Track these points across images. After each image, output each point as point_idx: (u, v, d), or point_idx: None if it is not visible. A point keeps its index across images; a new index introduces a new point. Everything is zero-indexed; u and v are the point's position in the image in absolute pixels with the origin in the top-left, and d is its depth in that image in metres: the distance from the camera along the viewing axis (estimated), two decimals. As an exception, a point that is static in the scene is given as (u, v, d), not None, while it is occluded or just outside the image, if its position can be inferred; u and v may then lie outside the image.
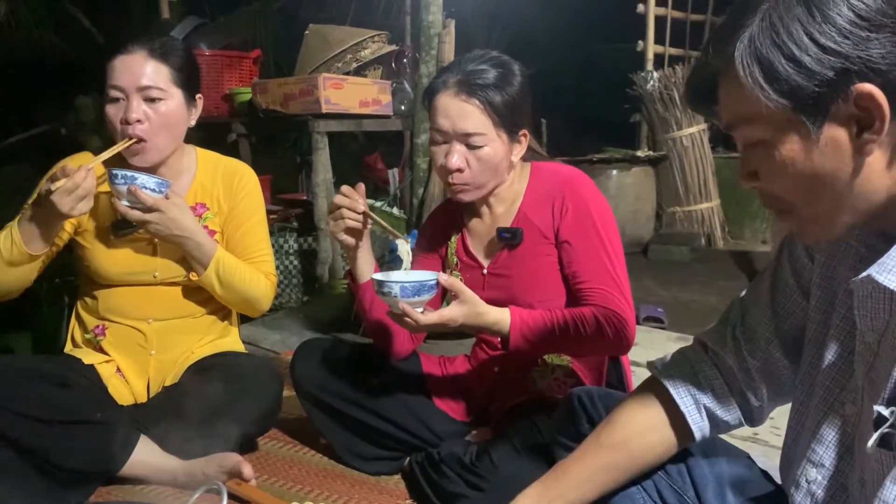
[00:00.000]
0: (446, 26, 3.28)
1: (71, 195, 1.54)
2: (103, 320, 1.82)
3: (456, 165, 1.58)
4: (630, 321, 1.56)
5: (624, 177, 4.50)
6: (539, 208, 1.66)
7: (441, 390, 1.83)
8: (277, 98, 3.08)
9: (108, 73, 1.68)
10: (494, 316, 1.53)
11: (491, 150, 1.58)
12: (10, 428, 1.51)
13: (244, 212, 1.86)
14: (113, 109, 1.68)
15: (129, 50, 1.68)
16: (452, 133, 1.57)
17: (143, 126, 1.68)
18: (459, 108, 1.56)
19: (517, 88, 1.58)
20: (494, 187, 1.66)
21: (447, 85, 1.58)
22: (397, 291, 1.43)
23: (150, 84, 1.68)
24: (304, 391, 1.80)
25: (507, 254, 1.68)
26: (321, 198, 3.11)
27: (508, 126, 1.58)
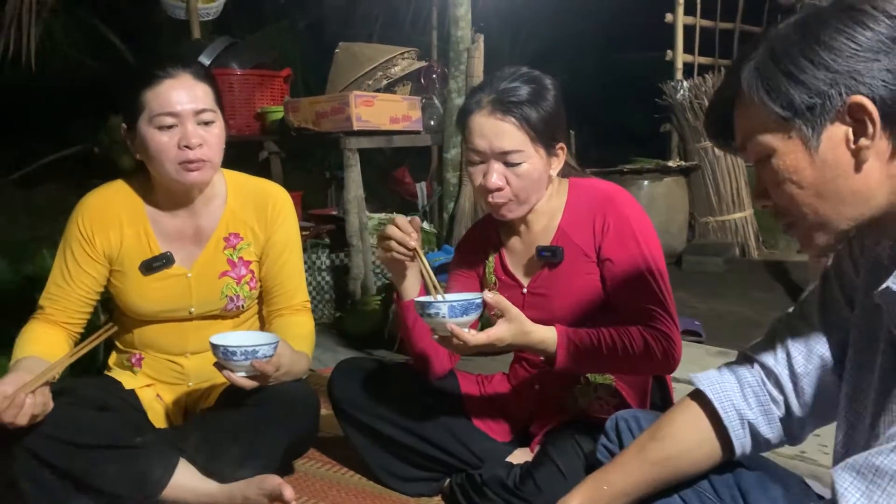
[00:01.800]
0: (475, 41, 3.28)
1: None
2: (139, 350, 1.81)
3: (495, 185, 1.57)
4: (677, 340, 1.53)
5: (655, 187, 4.46)
6: (579, 226, 1.64)
7: (480, 410, 1.81)
8: (309, 116, 3.10)
9: (150, 99, 1.60)
10: (541, 335, 1.51)
11: (529, 166, 1.57)
12: (50, 453, 1.51)
13: (280, 241, 1.80)
14: (166, 137, 1.60)
15: (171, 73, 1.61)
16: (490, 152, 1.56)
17: (204, 150, 1.63)
18: (495, 126, 1.55)
19: (551, 102, 1.57)
20: (534, 203, 1.65)
21: (481, 105, 1.57)
22: (445, 312, 1.41)
23: (205, 107, 1.63)
24: (342, 411, 1.79)
25: (547, 272, 1.66)
26: (353, 214, 3.11)
27: (545, 141, 1.57)
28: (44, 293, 1.74)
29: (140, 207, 1.75)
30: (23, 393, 1.42)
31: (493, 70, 3.24)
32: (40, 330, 1.72)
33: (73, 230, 1.72)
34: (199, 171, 1.64)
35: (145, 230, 1.74)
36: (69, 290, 1.72)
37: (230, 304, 1.79)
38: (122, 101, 1.65)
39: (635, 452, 1.15)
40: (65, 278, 1.72)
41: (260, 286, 1.84)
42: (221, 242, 1.78)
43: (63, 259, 1.73)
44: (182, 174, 1.63)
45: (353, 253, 3.13)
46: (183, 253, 1.76)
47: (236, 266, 1.79)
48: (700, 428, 1.12)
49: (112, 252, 1.73)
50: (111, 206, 1.74)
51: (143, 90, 1.61)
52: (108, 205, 1.74)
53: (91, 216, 1.72)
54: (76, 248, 1.72)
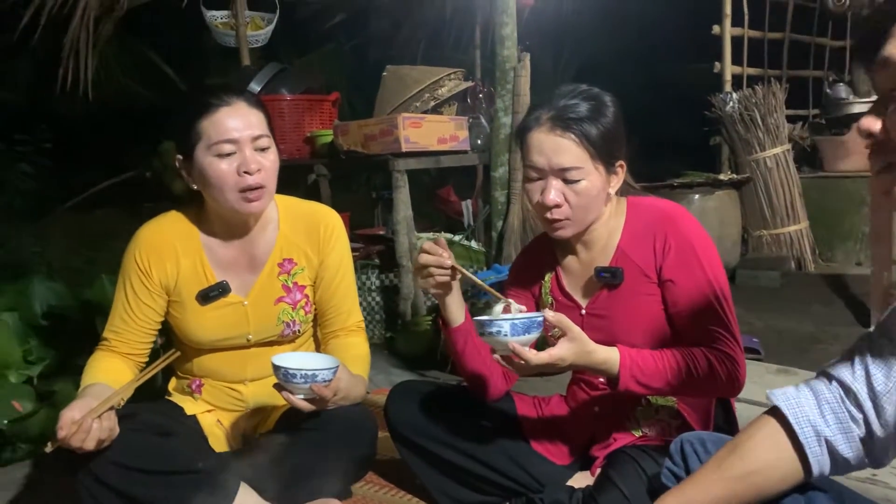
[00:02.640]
0: (521, 60, 3.28)
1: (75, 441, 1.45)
2: (199, 377, 1.83)
3: (554, 201, 1.55)
4: (741, 363, 1.50)
5: (706, 201, 4.38)
6: (639, 246, 1.61)
7: (538, 432, 1.79)
8: (358, 139, 3.13)
9: (208, 127, 1.61)
10: (603, 355, 1.49)
11: (588, 183, 1.55)
12: (115, 478, 1.53)
13: (333, 263, 1.81)
14: (225, 164, 1.62)
15: (227, 101, 1.63)
16: (548, 169, 1.55)
17: (262, 175, 1.65)
18: (554, 143, 1.54)
19: (611, 119, 1.56)
20: (592, 222, 1.63)
21: (540, 121, 1.56)
22: (507, 330, 1.38)
23: (261, 133, 1.66)
24: (399, 434, 1.78)
25: (606, 293, 1.63)
26: (402, 234, 3.13)
27: (605, 158, 1.55)
28: (107, 326, 1.77)
29: (195, 237, 1.76)
30: (90, 418, 1.45)
31: (538, 88, 3.26)
32: (106, 360, 1.75)
33: (131, 263, 1.74)
34: (259, 201, 1.66)
35: (201, 260, 1.76)
36: (131, 322, 1.75)
37: (286, 329, 1.80)
38: (178, 131, 1.67)
39: (714, 468, 1.12)
40: (126, 311, 1.74)
41: (314, 310, 1.85)
42: (276, 268, 1.79)
43: (123, 292, 1.75)
44: (242, 204, 1.65)
45: (403, 273, 3.14)
46: (238, 281, 1.77)
47: (291, 291, 1.79)
48: (777, 444, 1.09)
49: (169, 283, 1.75)
50: (166, 237, 1.75)
51: (199, 119, 1.62)
52: (163, 236, 1.75)
53: (147, 248, 1.74)
54: (135, 280, 1.74)
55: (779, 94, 4.78)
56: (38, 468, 2.20)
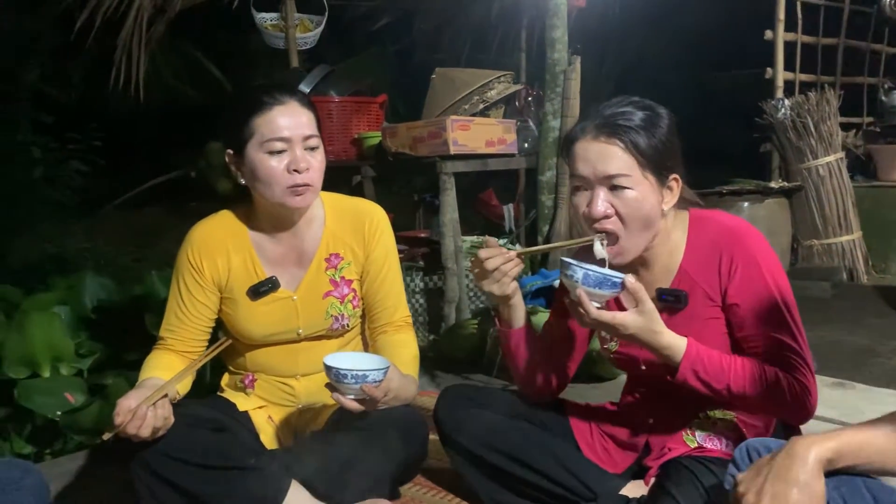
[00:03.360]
0: (572, 63, 3.25)
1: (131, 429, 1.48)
2: (252, 372, 1.85)
3: (600, 211, 1.49)
4: (813, 391, 1.44)
5: (756, 209, 4.30)
6: (703, 266, 1.54)
7: (589, 440, 1.76)
8: (406, 141, 3.14)
9: (261, 125, 1.65)
10: (668, 339, 1.45)
11: (637, 193, 1.48)
12: (169, 471, 1.55)
13: (379, 257, 1.83)
14: (275, 161, 1.65)
15: (280, 100, 1.67)
16: (593, 178, 1.49)
17: (310, 174, 1.68)
18: (600, 150, 1.48)
19: (664, 130, 1.50)
20: (647, 242, 1.55)
21: (586, 130, 1.51)
22: (579, 277, 1.40)
23: (311, 133, 1.69)
24: (449, 439, 1.76)
25: (667, 317, 1.54)
26: (448, 237, 3.12)
27: (655, 168, 1.49)
28: (163, 325, 1.80)
29: (244, 234, 1.80)
30: (145, 406, 1.47)
31: (585, 92, 3.23)
32: (162, 357, 1.78)
33: (184, 261, 1.78)
34: (304, 196, 1.69)
35: (251, 256, 1.79)
36: (186, 320, 1.78)
37: (335, 323, 1.81)
38: (231, 127, 1.70)
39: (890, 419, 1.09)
40: (181, 308, 1.78)
41: (362, 305, 1.86)
42: (323, 263, 1.81)
43: (177, 290, 1.78)
44: (289, 198, 1.68)
45: (448, 276, 3.13)
46: (287, 276, 1.79)
47: (339, 285, 1.82)
48: None
49: (221, 280, 1.78)
50: (217, 235, 1.79)
51: (253, 116, 1.66)
52: (214, 234, 1.79)
53: (199, 246, 1.77)
54: (188, 278, 1.77)
55: (832, 100, 4.67)
56: (90, 460, 2.23)
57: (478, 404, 1.78)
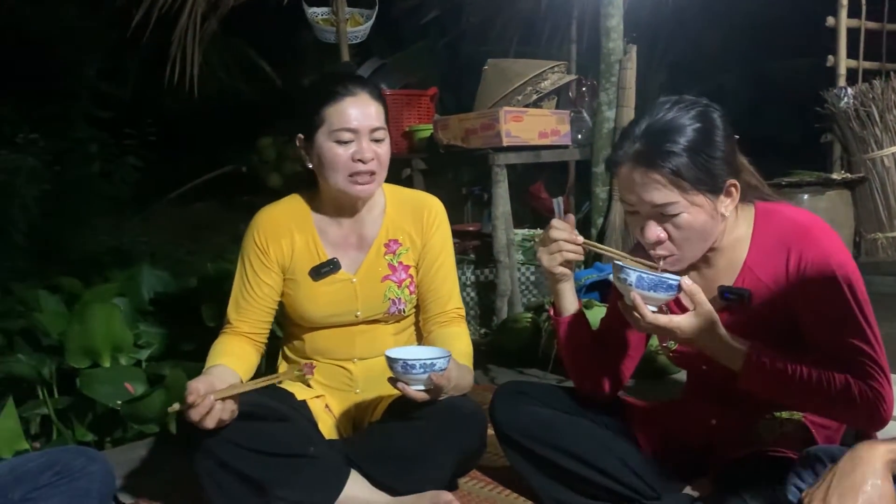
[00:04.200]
0: (627, 52, 3.19)
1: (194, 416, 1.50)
2: (311, 359, 1.87)
3: (653, 238, 1.45)
4: (889, 399, 1.36)
5: (816, 201, 4.15)
6: (769, 263, 1.47)
7: (650, 438, 1.72)
8: (458, 133, 3.12)
9: (331, 115, 1.71)
10: (729, 343, 1.40)
11: (690, 216, 1.42)
12: (232, 458, 1.58)
13: (435, 247, 1.87)
14: (342, 150, 1.71)
15: (352, 91, 1.72)
16: (640, 207, 1.45)
17: (374, 164, 1.74)
18: (642, 180, 1.42)
19: (718, 143, 1.42)
20: (707, 248, 1.50)
21: (627, 156, 1.44)
22: (633, 280, 1.37)
23: (379, 125, 1.74)
24: (505, 435, 1.73)
25: (729, 315, 1.49)
26: (500, 230, 3.10)
27: (707, 186, 1.42)
28: (229, 307, 1.85)
29: (308, 217, 1.86)
30: (214, 398, 1.49)
31: (637, 83, 3.16)
32: (230, 342, 1.82)
33: (250, 243, 1.84)
34: (368, 185, 1.75)
35: (313, 238, 1.84)
36: (252, 300, 1.82)
37: (392, 307, 1.84)
38: (303, 113, 1.76)
39: None
40: (246, 289, 1.82)
41: (417, 294, 1.89)
42: (382, 248, 1.85)
43: (243, 271, 1.84)
44: (351, 186, 1.74)
45: (501, 269, 3.11)
46: (347, 259, 1.84)
47: (397, 270, 1.85)
48: None
49: (285, 261, 1.83)
50: (282, 217, 1.85)
51: (324, 105, 1.72)
52: (279, 217, 1.85)
53: (264, 228, 1.83)
54: (253, 259, 1.83)
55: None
56: (151, 448, 2.27)
57: (535, 400, 1.75)
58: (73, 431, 2.50)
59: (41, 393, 2.52)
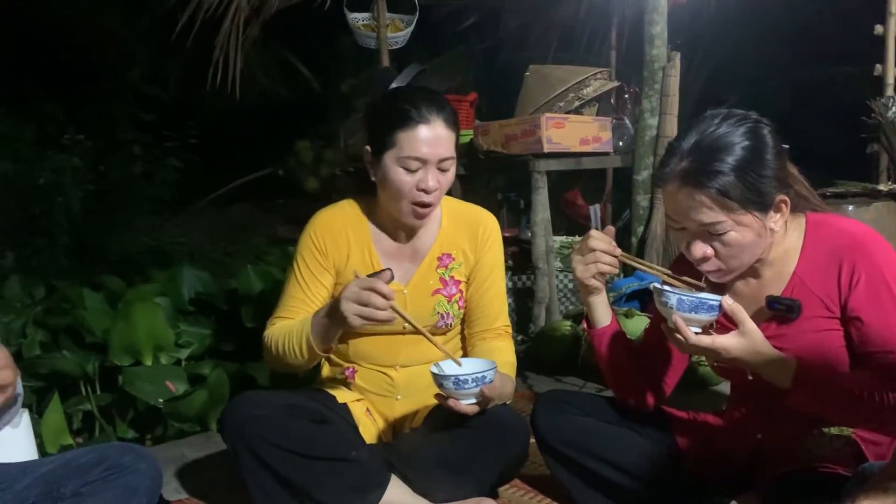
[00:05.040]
0: (671, 59, 3.16)
1: (356, 308, 1.54)
2: (353, 363, 1.86)
3: (699, 255, 1.43)
4: None
5: (862, 213, 4.05)
6: (820, 274, 1.45)
7: (693, 450, 1.69)
8: (498, 139, 3.11)
9: (402, 140, 1.66)
10: (776, 360, 1.38)
11: (737, 234, 1.40)
12: (274, 459, 1.59)
13: (488, 264, 1.85)
14: (408, 177, 1.68)
15: (427, 119, 1.66)
16: (686, 224, 1.43)
17: (437, 193, 1.71)
18: (688, 199, 1.40)
19: (768, 160, 1.39)
20: (755, 260, 1.48)
21: (673, 174, 1.41)
22: (674, 303, 1.37)
23: (448, 155, 1.70)
24: (548, 445, 1.72)
25: (776, 326, 1.47)
26: (539, 237, 3.08)
27: (756, 205, 1.39)
28: (280, 306, 1.83)
29: (365, 226, 1.84)
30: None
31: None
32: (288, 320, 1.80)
33: (307, 242, 1.82)
34: (425, 214, 1.74)
35: (368, 246, 1.83)
36: (306, 299, 1.81)
37: (440, 321, 1.83)
38: (374, 130, 1.73)
39: None
40: (301, 287, 1.81)
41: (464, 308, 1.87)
42: (435, 261, 1.84)
43: (298, 271, 1.82)
44: (410, 216, 1.73)
45: (539, 276, 3.09)
46: (400, 270, 1.82)
47: (448, 285, 1.84)
48: None
49: (340, 264, 1.83)
50: (339, 221, 1.84)
51: (397, 129, 1.68)
52: (336, 220, 1.84)
53: (322, 230, 1.83)
54: (309, 259, 1.82)
55: (949, 99, 4.37)
56: (193, 446, 2.30)
57: (577, 409, 1.74)
58: (115, 428, 2.54)
59: (84, 389, 2.56)
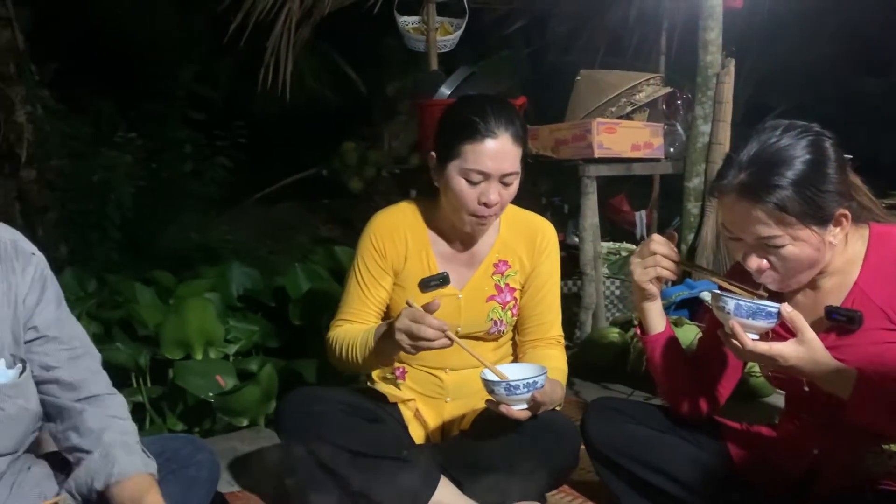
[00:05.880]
0: (725, 66, 3.12)
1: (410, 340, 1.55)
2: (403, 364, 1.87)
3: (755, 267, 1.42)
4: None
5: (919, 225, 3.96)
6: (883, 286, 1.42)
7: (746, 462, 1.66)
8: (548, 143, 3.11)
9: (468, 152, 1.66)
10: (836, 371, 1.35)
11: (795, 248, 1.38)
12: (328, 456, 1.61)
13: (544, 273, 1.85)
14: (469, 189, 1.68)
15: (495, 133, 1.65)
16: (742, 235, 1.41)
17: (498, 207, 1.71)
18: (745, 212, 1.38)
19: (824, 176, 1.36)
20: (813, 274, 1.45)
21: (731, 187, 1.39)
22: (731, 308, 1.36)
23: (512, 171, 1.69)
24: (599, 453, 1.71)
25: (836, 337, 1.44)
26: (588, 242, 3.06)
27: (815, 220, 1.37)
28: (342, 309, 1.85)
29: (422, 227, 1.85)
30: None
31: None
32: (353, 324, 1.83)
33: (367, 245, 1.83)
34: (484, 225, 1.75)
35: (426, 250, 1.84)
36: (367, 301, 1.83)
37: (493, 327, 1.83)
38: (441, 139, 1.73)
39: None
40: (362, 290, 1.82)
41: (518, 314, 1.87)
42: (491, 268, 1.84)
43: (359, 273, 1.83)
44: (469, 226, 1.73)
45: (587, 282, 3.07)
46: (456, 274, 1.82)
47: (502, 292, 1.84)
48: None
49: (398, 266, 1.83)
50: (398, 223, 1.85)
51: (463, 141, 1.67)
52: (395, 221, 1.85)
53: (382, 232, 1.84)
54: (369, 261, 1.83)
55: None
56: (243, 440, 2.33)
57: (629, 417, 1.73)
58: (165, 420, 2.59)
59: (135, 381, 2.62)
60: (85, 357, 1.37)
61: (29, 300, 1.30)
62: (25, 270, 1.30)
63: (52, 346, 1.33)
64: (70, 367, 1.34)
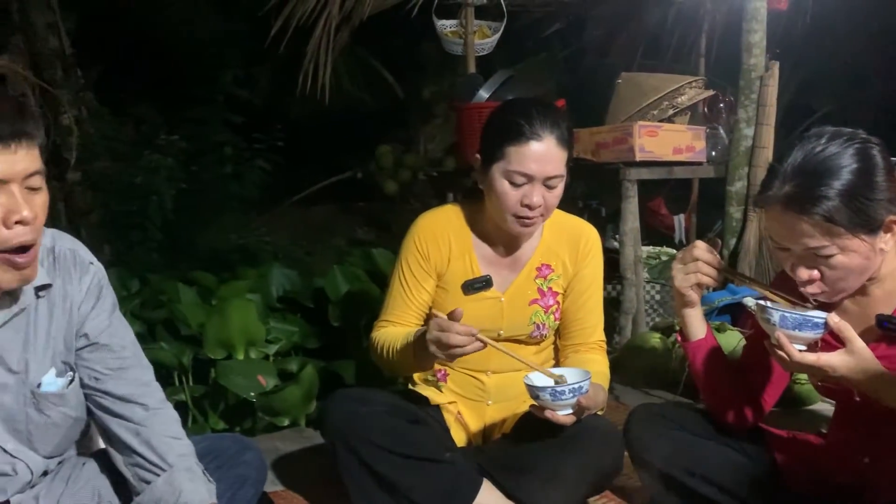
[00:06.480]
0: (769, 69, 3.08)
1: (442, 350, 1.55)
2: (445, 366, 1.87)
3: (804, 278, 1.39)
4: None
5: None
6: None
7: (793, 471, 1.63)
8: (589, 147, 3.09)
9: (511, 154, 1.66)
10: (887, 381, 1.31)
11: (844, 257, 1.35)
12: (371, 456, 1.62)
13: (587, 277, 1.84)
14: (513, 191, 1.68)
15: (539, 136, 1.65)
16: (789, 246, 1.38)
17: (541, 209, 1.70)
18: (791, 223, 1.35)
19: (872, 185, 1.33)
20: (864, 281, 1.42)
21: (776, 198, 1.37)
22: (776, 319, 1.34)
23: (557, 174, 1.69)
24: (641, 458, 1.69)
25: (887, 346, 1.41)
26: (628, 246, 3.04)
27: (864, 229, 1.34)
28: (386, 310, 1.86)
29: (466, 230, 1.85)
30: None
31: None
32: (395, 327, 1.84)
33: (411, 247, 1.84)
34: (529, 228, 1.73)
35: (469, 253, 1.84)
36: (410, 303, 1.84)
37: (535, 331, 1.83)
38: (486, 140, 1.74)
39: None
40: (405, 292, 1.84)
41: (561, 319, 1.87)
42: (534, 271, 1.83)
43: (402, 275, 1.84)
44: (514, 226, 1.72)
45: (627, 286, 3.05)
46: (498, 278, 1.83)
47: (545, 295, 1.84)
48: None
49: (441, 269, 1.84)
50: (442, 226, 1.85)
51: (507, 143, 1.67)
52: (439, 225, 1.86)
53: (426, 234, 1.84)
54: (413, 263, 1.84)
55: None
56: (286, 440, 2.36)
57: (674, 423, 1.70)
58: (207, 419, 2.62)
59: (178, 380, 2.66)
60: (135, 368, 1.36)
61: (83, 308, 1.31)
62: (82, 279, 1.32)
63: (102, 353, 1.32)
64: (118, 377, 1.33)
